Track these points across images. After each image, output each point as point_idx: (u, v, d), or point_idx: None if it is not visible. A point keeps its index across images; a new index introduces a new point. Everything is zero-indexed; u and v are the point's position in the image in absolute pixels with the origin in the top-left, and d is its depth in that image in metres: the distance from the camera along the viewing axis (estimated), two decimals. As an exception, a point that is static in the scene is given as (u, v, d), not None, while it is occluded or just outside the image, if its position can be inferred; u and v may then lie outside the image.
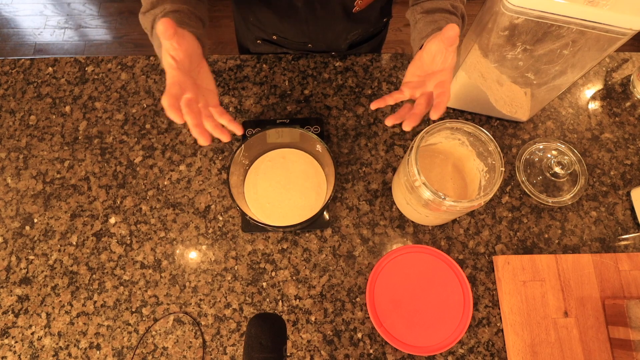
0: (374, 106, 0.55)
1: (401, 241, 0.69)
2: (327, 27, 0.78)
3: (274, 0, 0.73)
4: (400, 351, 0.63)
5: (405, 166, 0.58)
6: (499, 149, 0.58)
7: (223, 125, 0.52)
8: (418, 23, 0.61)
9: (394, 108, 0.78)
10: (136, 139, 0.76)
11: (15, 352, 0.63)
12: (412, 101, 0.56)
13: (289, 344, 0.63)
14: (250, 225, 0.69)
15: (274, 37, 0.84)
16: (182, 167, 0.73)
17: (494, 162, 0.59)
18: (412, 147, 0.57)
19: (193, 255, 0.68)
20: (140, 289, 0.66)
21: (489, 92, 0.69)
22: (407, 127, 0.53)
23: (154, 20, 0.57)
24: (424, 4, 0.61)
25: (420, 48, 0.57)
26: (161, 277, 0.67)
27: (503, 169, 0.56)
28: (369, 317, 0.65)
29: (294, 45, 0.85)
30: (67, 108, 0.78)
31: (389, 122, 0.54)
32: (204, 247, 0.69)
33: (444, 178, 0.69)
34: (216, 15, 1.98)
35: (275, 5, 0.74)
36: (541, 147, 0.73)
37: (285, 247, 0.68)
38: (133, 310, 0.65)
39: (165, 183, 0.72)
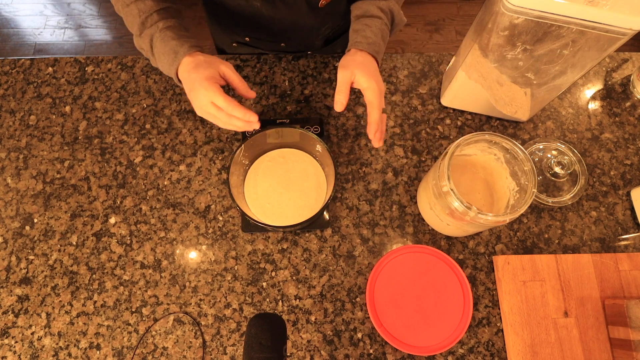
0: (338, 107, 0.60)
1: (401, 241, 0.69)
2: (295, 24, 0.77)
3: (233, 2, 0.73)
4: (400, 351, 0.63)
5: (436, 170, 0.57)
6: (534, 169, 0.56)
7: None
8: (351, 25, 0.67)
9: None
10: (136, 139, 0.76)
11: (15, 352, 0.63)
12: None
13: (289, 344, 0.63)
14: (250, 225, 0.69)
15: (247, 39, 0.84)
16: (182, 167, 0.73)
17: (526, 183, 0.57)
18: (447, 152, 0.56)
19: (193, 255, 0.68)
20: (140, 289, 0.66)
21: (489, 92, 0.69)
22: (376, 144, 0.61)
23: (151, 40, 0.61)
24: (355, 7, 0.67)
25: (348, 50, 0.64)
26: (161, 277, 0.67)
27: (535, 190, 0.55)
28: (369, 317, 0.65)
29: (268, 46, 0.85)
30: (67, 108, 0.78)
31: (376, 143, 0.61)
32: (204, 247, 0.69)
33: (472, 191, 0.67)
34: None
35: (236, 7, 0.74)
36: (541, 147, 0.73)
37: (285, 247, 0.68)
38: (133, 310, 0.65)
39: (165, 183, 0.72)
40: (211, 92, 0.55)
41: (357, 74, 0.59)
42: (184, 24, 0.64)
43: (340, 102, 0.60)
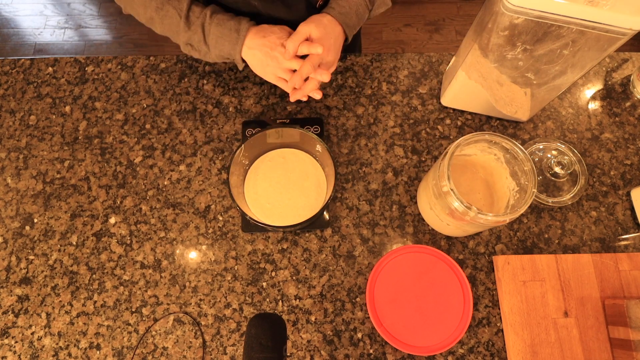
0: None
1: (401, 241, 0.69)
2: (294, 24, 0.77)
3: (233, 2, 0.73)
4: (400, 351, 0.63)
5: (436, 170, 0.57)
6: (535, 169, 0.56)
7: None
8: None
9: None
10: (136, 139, 0.76)
11: (15, 352, 0.63)
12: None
13: (289, 344, 0.63)
14: (250, 225, 0.69)
15: None
16: (182, 167, 0.73)
17: (526, 183, 0.57)
18: (447, 152, 0.56)
19: (193, 255, 0.68)
20: (140, 289, 0.66)
21: (489, 92, 0.69)
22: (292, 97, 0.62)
23: (203, 28, 0.61)
24: None
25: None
26: (161, 277, 0.67)
27: (535, 190, 0.55)
28: (369, 317, 0.65)
29: None
30: (67, 108, 0.78)
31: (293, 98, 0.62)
32: (204, 247, 0.69)
33: (472, 190, 0.67)
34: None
35: (233, 4, 0.74)
36: (541, 147, 0.73)
37: (285, 247, 0.68)
38: (133, 310, 0.65)
39: (165, 183, 0.72)
40: (292, 41, 0.59)
41: (313, 31, 0.59)
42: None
43: (287, 48, 0.59)
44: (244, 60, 0.64)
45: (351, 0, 0.64)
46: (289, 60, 0.60)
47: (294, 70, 0.61)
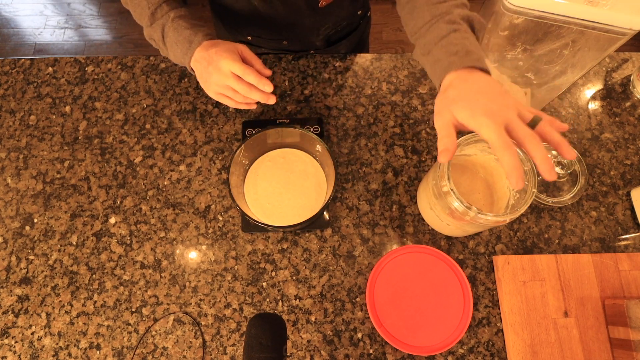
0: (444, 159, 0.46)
1: (401, 241, 0.69)
2: (294, 23, 0.77)
3: (234, 0, 0.73)
4: (400, 351, 0.63)
5: (436, 170, 0.57)
6: (535, 169, 0.56)
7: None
8: (430, 54, 0.53)
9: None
10: (136, 139, 0.76)
11: (15, 352, 0.63)
12: None
13: (289, 344, 0.63)
14: (250, 225, 0.69)
15: (249, 37, 0.84)
16: (182, 167, 0.73)
17: (527, 183, 0.57)
18: None
19: (193, 255, 0.68)
20: (140, 289, 0.66)
21: (489, 92, 0.69)
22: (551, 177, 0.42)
23: (163, 29, 0.62)
24: (424, 38, 0.54)
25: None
26: (161, 277, 0.67)
27: (535, 190, 0.55)
28: (369, 317, 0.65)
29: (270, 44, 0.85)
30: (67, 108, 0.78)
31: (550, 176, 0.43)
32: (204, 247, 0.69)
33: (472, 190, 0.67)
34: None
35: (235, 4, 0.74)
36: (541, 147, 0.73)
37: (285, 247, 0.68)
38: (133, 310, 0.65)
39: (165, 183, 0.72)
40: (231, 60, 0.57)
41: (455, 111, 0.45)
42: (193, 13, 0.65)
43: (445, 147, 0.44)
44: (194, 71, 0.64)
45: (456, 41, 0.51)
46: (225, 76, 0.57)
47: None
